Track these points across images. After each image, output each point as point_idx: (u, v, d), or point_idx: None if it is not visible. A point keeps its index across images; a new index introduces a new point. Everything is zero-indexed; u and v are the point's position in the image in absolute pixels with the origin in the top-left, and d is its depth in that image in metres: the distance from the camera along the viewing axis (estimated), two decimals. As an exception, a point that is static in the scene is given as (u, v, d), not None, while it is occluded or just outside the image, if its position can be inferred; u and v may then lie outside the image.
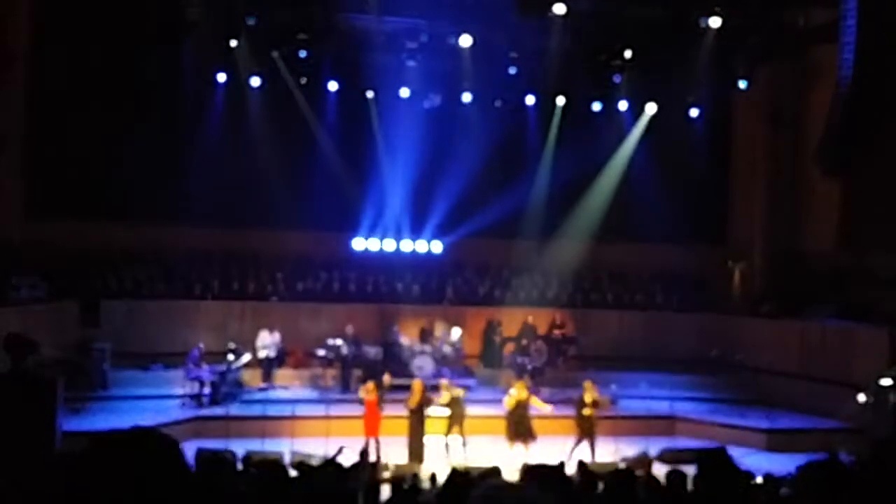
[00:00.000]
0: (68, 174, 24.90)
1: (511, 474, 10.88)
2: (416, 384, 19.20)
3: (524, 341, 25.04)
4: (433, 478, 13.81)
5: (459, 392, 19.34)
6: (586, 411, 19.03)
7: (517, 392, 18.91)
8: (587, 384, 19.53)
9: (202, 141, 25.91)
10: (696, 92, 27.42)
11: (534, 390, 19.92)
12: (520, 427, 18.60)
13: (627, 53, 25.86)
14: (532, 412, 18.96)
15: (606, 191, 28.20)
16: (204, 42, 24.97)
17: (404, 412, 18.97)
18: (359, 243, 27.59)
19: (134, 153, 24.89)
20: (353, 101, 27.11)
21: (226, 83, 26.30)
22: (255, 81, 26.05)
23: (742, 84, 26.65)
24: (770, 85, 27.21)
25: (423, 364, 24.04)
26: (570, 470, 13.03)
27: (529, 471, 8.85)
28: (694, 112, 27.98)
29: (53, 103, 24.47)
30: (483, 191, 26.67)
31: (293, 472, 13.23)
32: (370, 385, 19.00)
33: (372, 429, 18.39)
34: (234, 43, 24.98)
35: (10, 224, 23.84)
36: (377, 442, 18.23)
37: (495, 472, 11.62)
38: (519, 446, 18.39)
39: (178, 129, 25.84)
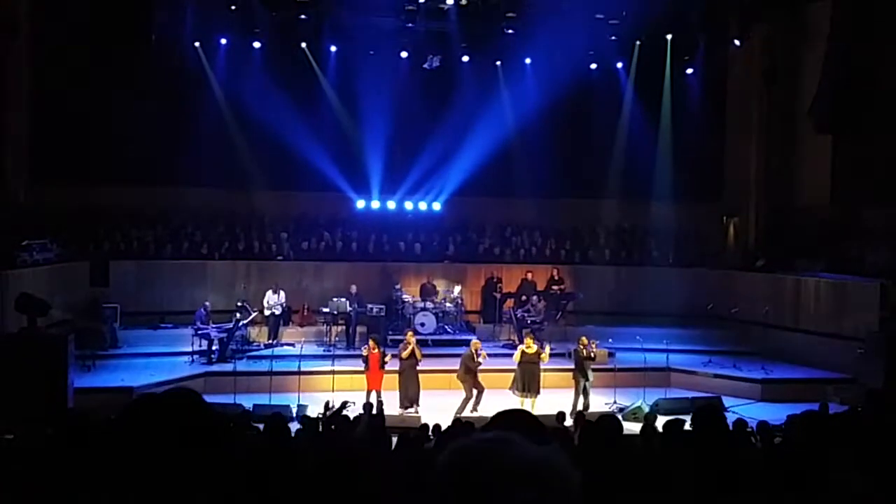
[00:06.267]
0: (75, 137, 25.17)
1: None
2: (409, 335, 20.08)
3: (523, 297, 25.52)
4: (437, 429, 14.26)
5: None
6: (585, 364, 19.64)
7: (526, 347, 19.49)
8: (583, 339, 20.08)
9: (206, 104, 26.28)
10: (692, 50, 27.67)
11: (539, 345, 20.41)
12: (528, 381, 19.18)
13: (623, 12, 26.07)
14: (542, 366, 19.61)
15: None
16: (205, 6, 25.23)
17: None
18: (361, 203, 28.04)
19: (139, 116, 25.20)
20: (354, 63, 27.38)
21: (227, 46, 26.62)
22: (256, 45, 26.33)
23: (737, 42, 26.90)
24: (764, 42, 27.31)
25: (425, 321, 24.55)
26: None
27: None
28: (689, 69, 28.27)
29: (58, 67, 24.67)
30: (482, 150, 26.97)
31: (299, 426, 13.79)
32: (371, 343, 19.63)
33: (374, 382, 19.09)
34: (234, 6, 25.28)
35: (20, 187, 24.18)
36: (378, 395, 18.85)
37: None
38: (526, 400, 18.93)
39: (182, 92, 26.16)
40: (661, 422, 15.08)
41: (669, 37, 27.60)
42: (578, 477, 2.12)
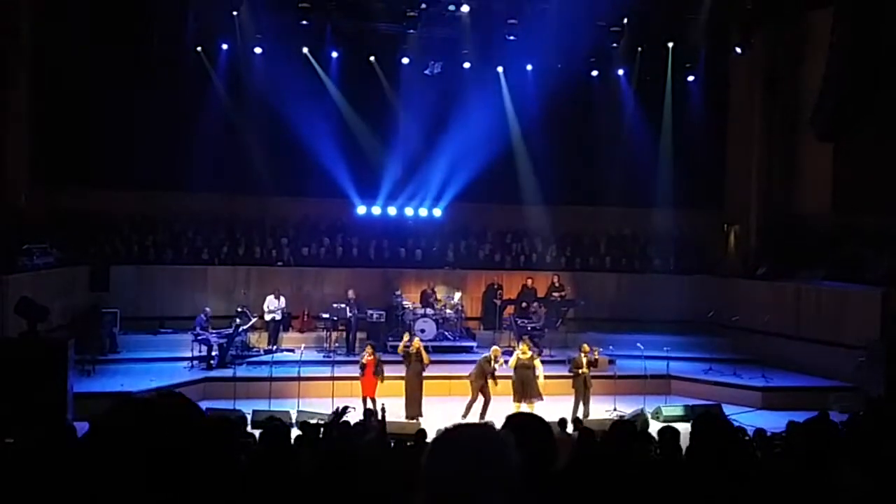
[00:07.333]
0: (76, 141, 25.16)
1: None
2: (416, 341, 20.00)
3: (524, 304, 25.49)
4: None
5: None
6: (583, 371, 19.54)
7: (521, 353, 19.42)
8: (583, 346, 20.04)
9: (207, 108, 26.24)
10: (693, 58, 27.68)
11: (534, 352, 20.36)
12: (524, 387, 19.10)
13: (625, 20, 26.08)
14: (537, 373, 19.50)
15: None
16: (206, 11, 25.22)
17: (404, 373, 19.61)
18: (362, 209, 28.02)
19: (140, 120, 25.25)
20: (356, 68, 27.40)
21: (229, 51, 26.63)
22: (258, 50, 26.33)
23: (738, 49, 26.89)
24: (766, 50, 27.34)
25: (426, 327, 24.50)
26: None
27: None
28: (690, 77, 28.28)
29: (59, 71, 24.62)
30: (483, 156, 26.93)
31: (298, 432, 13.75)
32: (368, 349, 19.65)
33: (368, 388, 19.13)
34: (235, 12, 25.29)
35: (21, 191, 24.12)
36: (373, 401, 18.77)
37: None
38: (524, 406, 18.82)
39: (183, 96, 26.10)
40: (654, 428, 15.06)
41: (671, 44, 27.63)
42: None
